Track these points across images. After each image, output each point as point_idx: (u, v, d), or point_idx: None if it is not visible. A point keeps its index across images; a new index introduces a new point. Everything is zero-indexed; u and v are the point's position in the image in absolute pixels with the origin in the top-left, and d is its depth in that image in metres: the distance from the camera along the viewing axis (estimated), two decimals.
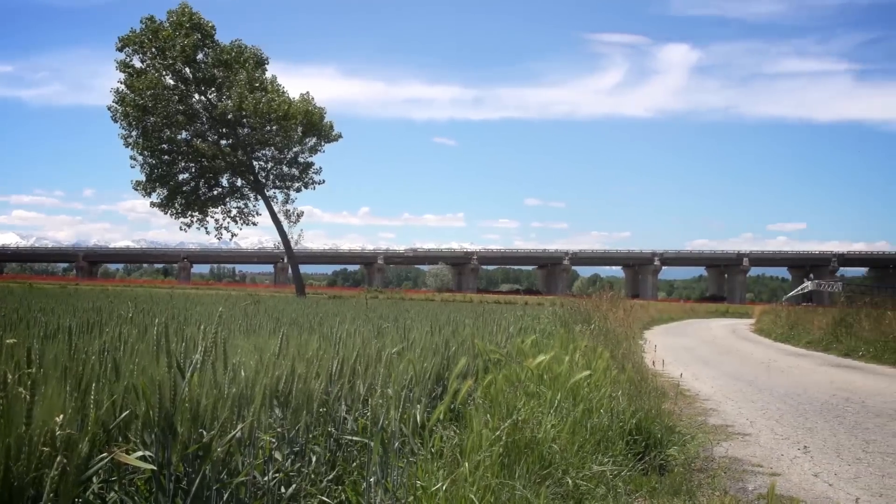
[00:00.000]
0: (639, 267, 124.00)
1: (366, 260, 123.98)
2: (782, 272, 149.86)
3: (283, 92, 49.07)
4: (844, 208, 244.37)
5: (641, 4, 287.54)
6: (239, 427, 3.84)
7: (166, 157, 48.80)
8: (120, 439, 3.65)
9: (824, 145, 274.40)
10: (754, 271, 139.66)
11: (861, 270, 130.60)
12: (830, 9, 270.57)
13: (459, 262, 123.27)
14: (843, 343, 23.84)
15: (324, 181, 52.57)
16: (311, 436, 4.71)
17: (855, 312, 26.10)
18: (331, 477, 4.63)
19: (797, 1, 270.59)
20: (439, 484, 4.48)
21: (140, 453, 3.41)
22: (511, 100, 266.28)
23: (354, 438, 4.94)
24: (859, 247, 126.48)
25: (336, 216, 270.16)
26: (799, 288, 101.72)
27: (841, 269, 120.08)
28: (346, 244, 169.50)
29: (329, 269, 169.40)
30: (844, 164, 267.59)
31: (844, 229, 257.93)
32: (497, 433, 5.14)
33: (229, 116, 47.31)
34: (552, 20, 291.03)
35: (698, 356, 21.35)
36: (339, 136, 51.73)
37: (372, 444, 4.55)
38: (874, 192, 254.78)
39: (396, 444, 4.82)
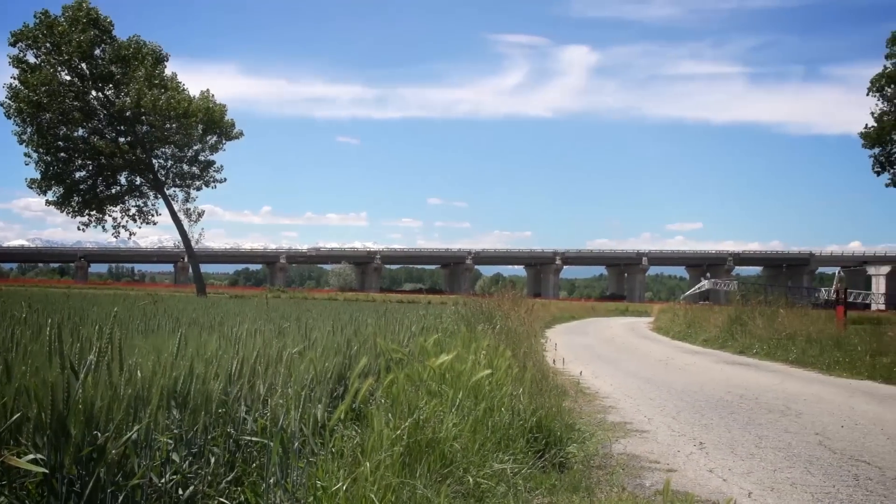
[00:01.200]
0: (540, 266, 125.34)
1: (268, 259, 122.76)
2: (680, 271, 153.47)
3: (184, 89, 48.27)
4: (739, 208, 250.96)
5: (542, 6, 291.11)
6: (135, 429, 3.77)
7: (62, 154, 47.54)
8: (11, 442, 3.56)
9: (720, 146, 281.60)
10: (653, 270, 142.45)
11: (756, 269, 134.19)
12: (723, 13, 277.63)
13: (362, 262, 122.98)
14: (738, 341, 24.49)
15: (225, 179, 51.97)
16: (209, 437, 4.65)
17: (749, 311, 26.79)
18: (230, 478, 4.58)
19: (692, 5, 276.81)
20: (340, 484, 4.46)
21: (31, 456, 3.33)
22: (414, 99, 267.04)
23: (254, 439, 4.90)
24: (754, 246, 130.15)
25: (237, 215, 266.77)
26: (696, 287, 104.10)
27: (736, 268, 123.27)
28: (248, 243, 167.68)
29: (231, 269, 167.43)
30: (739, 165, 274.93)
31: (739, 229, 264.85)
32: (398, 432, 5.14)
33: (127, 113, 46.33)
34: (454, 21, 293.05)
35: (598, 354, 21.67)
36: (241, 133, 51.14)
37: (271, 444, 4.51)
38: (767, 192, 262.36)
39: (296, 445, 4.79)
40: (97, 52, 46.14)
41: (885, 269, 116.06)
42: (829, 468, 7.62)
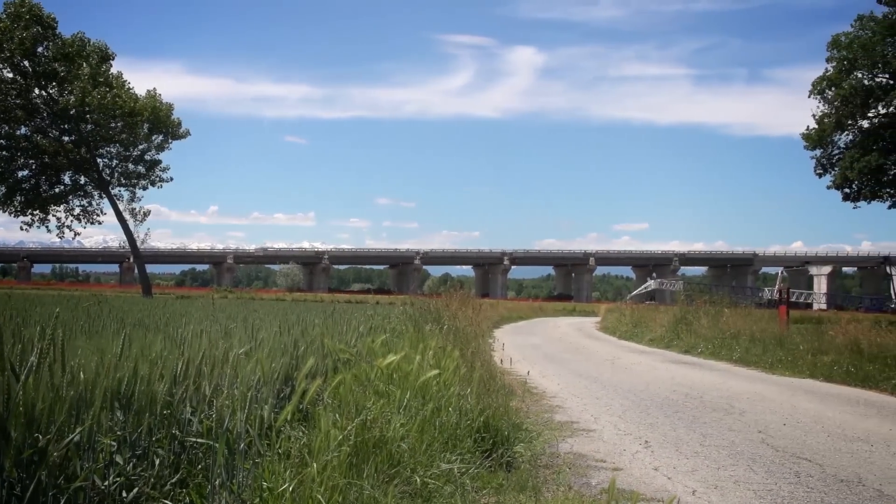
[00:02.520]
0: (489, 266, 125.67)
1: (215, 259, 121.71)
2: (627, 271, 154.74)
3: (129, 88, 47.65)
4: (685, 209, 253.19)
5: (489, 7, 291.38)
6: (77, 431, 3.73)
7: (4, 153, 46.66)
8: None
9: (665, 147, 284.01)
10: (600, 270, 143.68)
11: (701, 269, 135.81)
12: (668, 15, 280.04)
13: (310, 262, 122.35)
14: (684, 340, 24.77)
15: (171, 179, 51.37)
16: (154, 438, 4.61)
17: (694, 311, 27.11)
18: (175, 480, 4.53)
19: (637, 7, 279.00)
20: (286, 485, 4.45)
21: None
22: (362, 99, 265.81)
23: (199, 440, 4.86)
24: (699, 246, 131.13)
25: (184, 215, 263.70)
26: (642, 287, 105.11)
27: (682, 268, 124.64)
28: (195, 243, 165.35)
29: (177, 269, 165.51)
30: (684, 166, 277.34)
31: (685, 229, 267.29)
32: (345, 433, 5.14)
33: (72, 112, 45.60)
34: (401, 21, 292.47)
35: (546, 354, 21.79)
36: (187, 133, 50.61)
37: (217, 445, 4.48)
38: (712, 193, 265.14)
39: (242, 446, 4.77)
40: (40, 49, 45.29)
41: (827, 270, 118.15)
42: (772, 466, 7.75)
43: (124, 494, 4.12)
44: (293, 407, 5.08)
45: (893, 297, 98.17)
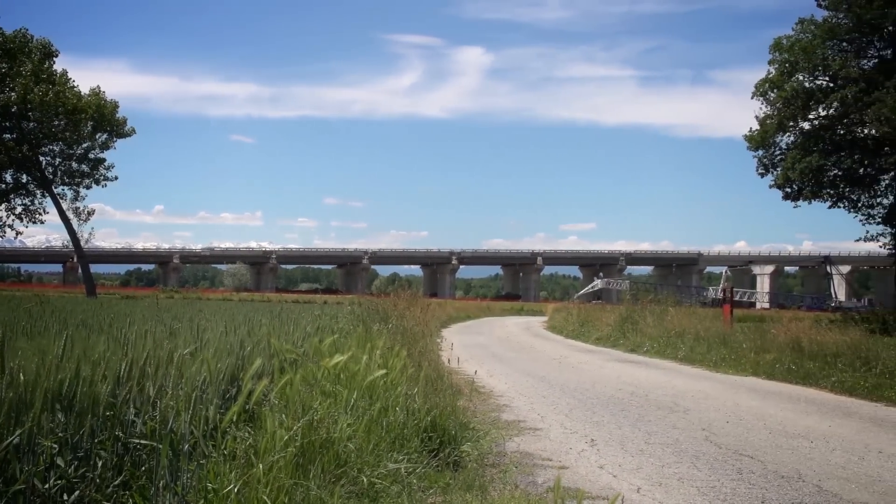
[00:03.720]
0: (437, 266, 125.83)
1: (161, 259, 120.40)
2: (574, 271, 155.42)
3: (73, 85, 46.96)
4: (631, 209, 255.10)
5: (436, 7, 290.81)
6: (17, 433, 3.67)
7: None
8: None
9: (611, 148, 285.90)
10: (548, 270, 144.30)
11: (647, 269, 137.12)
12: (614, 17, 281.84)
13: (258, 262, 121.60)
14: (630, 339, 24.99)
15: (116, 178, 50.70)
16: (96, 440, 4.55)
17: (640, 310, 27.35)
18: (118, 482, 4.48)
19: (584, 8, 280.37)
20: (231, 486, 4.42)
21: None
22: (309, 98, 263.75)
23: (143, 442, 4.80)
24: (645, 246, 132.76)
25: (129, 214, 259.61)
26: (589, 286, 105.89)
27: (628, 267, 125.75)
28: (141, 243, 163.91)
29: (122, 269, 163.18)
30: (630, 167, 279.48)
31: (631, 229, 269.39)
32: (291, 433, 5.11)
33: (13, 109, 44.85)
34: (348, 20, 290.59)
35: (493, 354, 21.86)
36: (132, 131, 50.03)
37: (161, 447, 4.44)
38: (658, 193, 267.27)
39: (187, 447, 4.72)
40: None
41: (770, 269, 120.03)
42: (715, 463, 7.85)
43: (65, 497, 4.06)
44: (239, 407, 5.05)
45: (833, 295, 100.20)
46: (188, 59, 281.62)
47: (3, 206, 48.78)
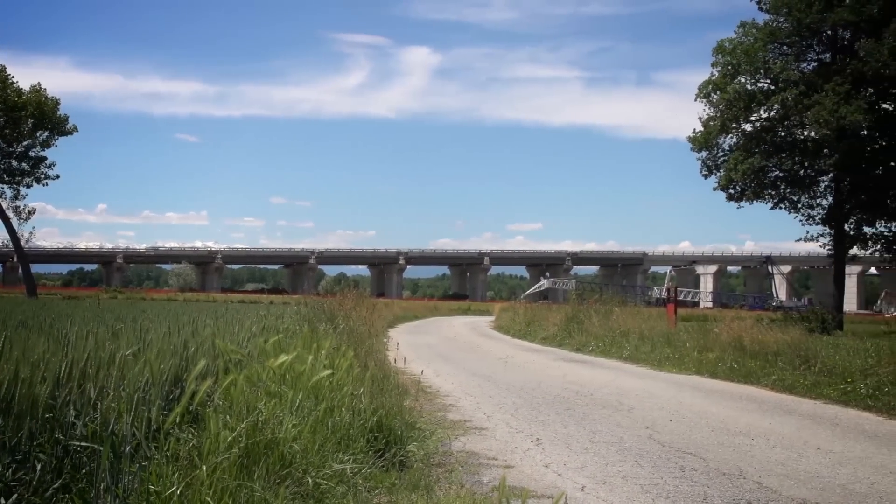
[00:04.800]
0: (384, 266, 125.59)
1: (104, 259, 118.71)
2: (521, 271, 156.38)
3: (13, 82, 46.19)
4: (577, 209, 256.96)
5: (383, 6, 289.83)
6: None
7: None
8: None
9: (558, 149, 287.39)
10: (495, 270, 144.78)
11: (593, 269, 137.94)
12: (560, 18, 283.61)
13: (203, 261, 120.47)
14: (576, 338, 25.16)
15: (58, 176, 50.12)
16: (35, 443, 4.48)
17: (586, 309, 27.54)
18: (57, 485, 4.42)
19: (530, 9, 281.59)
20: (174, 488, 4.38)
21: None
22: (255, 97, 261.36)
23: (83, 444, 4.73)
24: (591, 246, 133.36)
25: (71, 213, 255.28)
26: (536, 286, 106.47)
27: (574, 267, 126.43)
28: (83, 242, 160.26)
29: (64, 269, 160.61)
30: (576, 167, 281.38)
31: (577, 229, 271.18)
32: (235, 434, 5.08)
33: None
34: (295, 18, 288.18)
35: (440, 353, 21.89)
36: (74, 129, 49.38)
37: (101, 449, 4.38)
38: (603, 194, 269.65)
39: (128, 449, 4.67)
40: None
41: (713, 269, 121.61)
42: (658, 461, 7.94)
43: (2, 501, 3.99)
44: (182, 408, 5.00)
45: (775, 295, 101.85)
46: (132, 56, 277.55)
47: None
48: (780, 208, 37.15)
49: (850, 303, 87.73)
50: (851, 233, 36.31)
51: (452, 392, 13.05)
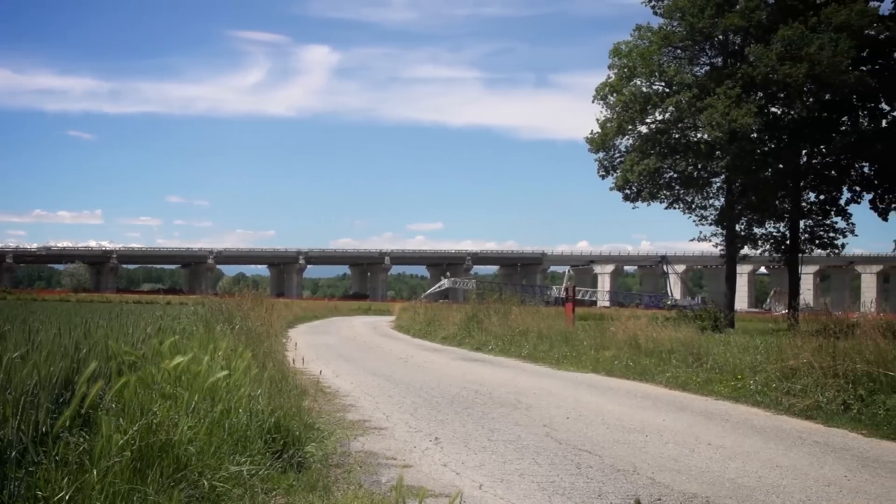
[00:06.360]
0: (284, 266, 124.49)
1: None
2: (421, 270, 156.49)
3: None
4: (477, 209, 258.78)
5: (281, 4, 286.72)
6: None
7: None
8: None
9: (457, 149, 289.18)
10: (395, 269, 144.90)
11: (493, 268, 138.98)
12: (459, 19, 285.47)
13: (98, 261, 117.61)
14: (475, 338, 25.30)
15: None
16: None
17: (485, 309, 27.69)
18: None
19: (429, 10, 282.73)
20: (63, 493, 4.28)
21: None
22: (151, 94, 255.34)
23: None
24: (491, 246, 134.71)
25: None
26: (436, 286, 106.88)
27: (475, 267, 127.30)
28: None
29: None
30: (476, 168, 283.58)
31: (477, 229, 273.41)
32: (128, 437, 4.99)
33: None
34: (191, 14, 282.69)
35: (340, 353, 21.81)
36: None
37: None
38: (502, 194, 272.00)
39: (14, 454, 4.55)
40: None
41: (610, 268, 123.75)
42: (555, 458, 8.07)
43: None
44: (72, 411, 4.90)
45: (670, 294, 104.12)
46: (21, 50, 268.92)
47: None
48: (675, 208, 38.07)
49: (742, 301, 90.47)
50: (742, 233, 37.48)
51: (352, 392, 13.03)
